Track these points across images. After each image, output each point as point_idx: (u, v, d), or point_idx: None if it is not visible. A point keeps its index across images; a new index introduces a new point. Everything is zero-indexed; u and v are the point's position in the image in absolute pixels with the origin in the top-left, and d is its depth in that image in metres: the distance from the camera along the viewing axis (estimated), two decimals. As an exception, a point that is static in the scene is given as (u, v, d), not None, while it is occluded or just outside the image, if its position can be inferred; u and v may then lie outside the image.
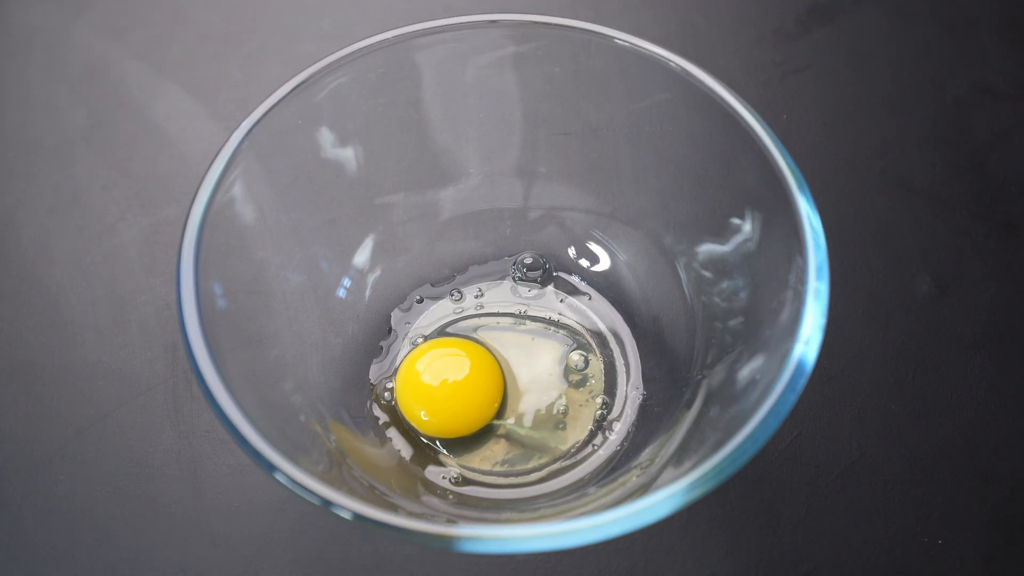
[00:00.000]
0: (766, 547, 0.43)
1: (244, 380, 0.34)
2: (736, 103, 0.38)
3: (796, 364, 0.32)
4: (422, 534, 0.30)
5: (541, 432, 0.45)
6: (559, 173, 0.48)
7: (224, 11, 0.62)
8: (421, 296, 0.49)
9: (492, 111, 0.46)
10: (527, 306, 0.48)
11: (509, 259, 0.49)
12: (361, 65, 0.41)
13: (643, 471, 0.40)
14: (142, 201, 0.54)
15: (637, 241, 0.47)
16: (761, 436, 0.31)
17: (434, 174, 0.48)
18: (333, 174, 0.45)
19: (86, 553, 0.43)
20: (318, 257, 0.45)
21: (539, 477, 0.43)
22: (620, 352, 0.47)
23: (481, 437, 0.44)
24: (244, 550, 0.43)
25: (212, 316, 0.34)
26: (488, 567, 0.42)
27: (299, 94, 0.40)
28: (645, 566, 0.42)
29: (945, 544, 0.42)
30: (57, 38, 0.61)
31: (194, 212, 0.36)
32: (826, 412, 0.46)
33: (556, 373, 0.46)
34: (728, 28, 0.60)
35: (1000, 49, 0.60)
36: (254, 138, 0.38)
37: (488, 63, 0.44)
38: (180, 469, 0.45)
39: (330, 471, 0.37)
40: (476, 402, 0.44)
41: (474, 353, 0.45)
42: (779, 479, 0.44)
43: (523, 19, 0.42)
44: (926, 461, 0.44)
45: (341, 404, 0.44)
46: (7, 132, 0.57)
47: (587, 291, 0.48)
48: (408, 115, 0.45)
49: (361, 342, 0.47)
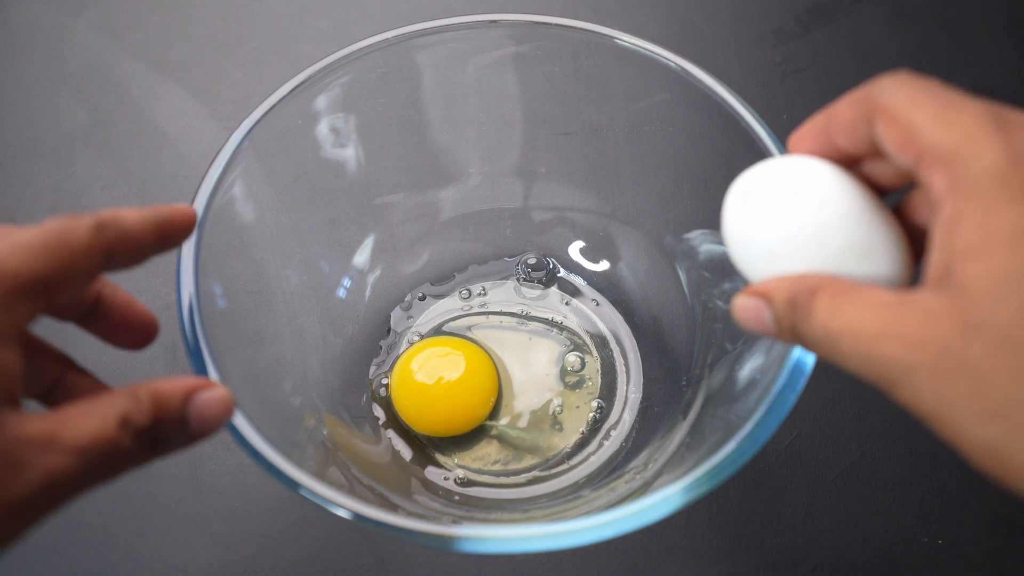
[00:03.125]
0: (766, 547, 0.43)
1: (244, 380, 0.34)
2: (736, 103, 0.38)
3: (796, 364, 0.32)
4: (422, 534, 0.30)
5: (533, 433, 0.45)
6: (559, 173, 0.48)
7: (224, 11, 0.62)
8: (424, 294, 0.49)
9: (492, 111, 0.46)
10: (529, 306, 0.48)
11: (510, 260, 0.49)
12: (361, 65, 0.41)
13: (640, 472, 0.40)
14: (142, 201, 0.54)
15: (637, 241, 0.47)
16: (761, 436, 0.31)
17: (434, 174, 0.48)
18: (333, 174, 0.45)
19: (86, 553, 0.43)
20: (318, 257, 0.45)
21: (531, 478, 0.43)
22: (620, 353, 0.47)
23: (474, 437, 0.45)
24: (244, 550, 0.43)
25: (212, 316, 0.34)
26: (488, 567, 0.42)
27: (299, 94, 0.40)
28: (645, 566, 0.42)
29: (945, 544, 0.42)
30: (57, 38, 0.61)
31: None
32: (826, 412, 0.46)
33: (552, 374, 0.46)
34: (728, 28, 0.60)
35: (1000, 49, 0.60)
36: (254, 138, 0.38)
37: (488, 63, 0.44)
38: (180, 469, 0.45)
39: (327, 469, 0.37)
40: (469, 401, 0.44)
41: (469, 352, 0.45)
42: (779, 479, 0.44)
43: (523, 19, 0.42)
44: (926, 461, 0.44)
45: (341, 403, 0.44)
46: (7, 132, 0.57)
47: (595, 297, 0.48)
48: (408, 115, 0.45)
49: (361, 342, 0.47)
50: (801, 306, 0.25)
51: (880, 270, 0.26)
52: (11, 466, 0.23)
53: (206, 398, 0.27)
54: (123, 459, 0.25)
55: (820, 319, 0.24)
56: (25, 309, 0.24)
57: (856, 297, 0.24)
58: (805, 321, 0.25)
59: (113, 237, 0.26)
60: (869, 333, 0.23)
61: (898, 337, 0.22)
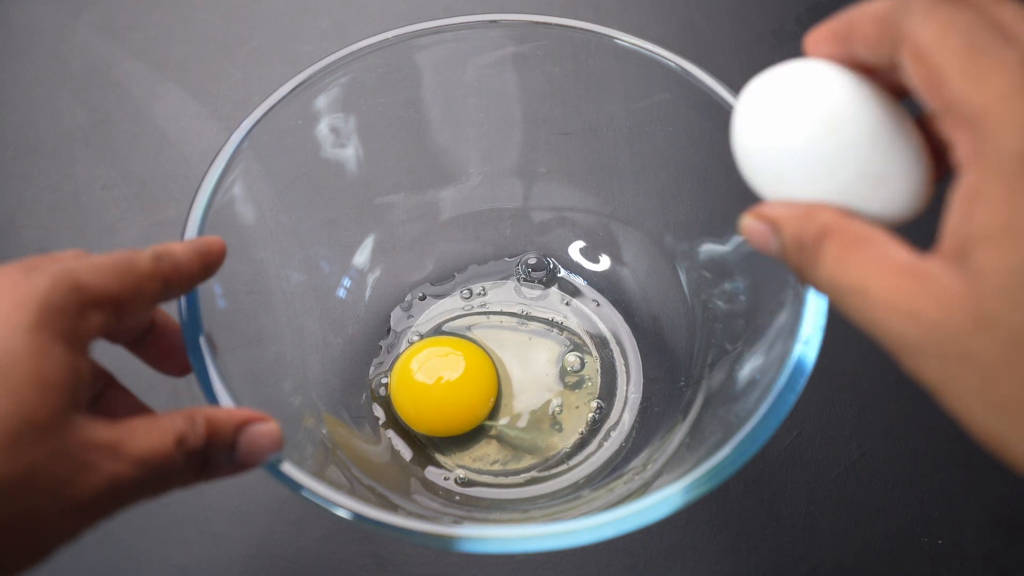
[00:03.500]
0: (766, 547, 0.43)
1: (244, 380, 0.34)
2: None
3: (796, 364, 0.32)
4: (422, 534, 0.30)
5: (532, 433, 0.45)
6: (559, 173, 0.48)
7: (224, 11, 0.62)
8: (424, 294, 0.49)
9: (492, 111, 0.46)
10: (529, 307, 0.48)
11: (510, 260, 0.49)
12: (361, 65, 0.41)
13: (640, 473, 0.40)
14: (142, 201, 0.54)
15: (637, 241, 0.47)
16: (761, 436, 0.31)
17: (434, 174, 0.48)
18: (333, 174, 0.45)
19: (86, 553, 0.43)
20: (318, 257, 0.45)
21: (529, 478, 0.43)
22: (620, 353, 0.47)
23: (473, 437, 0.45)
24: (244, 550, 0.43)
25: (212, 316, 0.34)
26: (488, 567, 0.42)
27: (299, 94, 0.40)
28: (645, 566, 0.42)
29: (945, 544, 0.42)
30: (57, 38, 0.61)
31: (194, 212, 0.36)
32: (826, 412, 0.46)
33: (552, 374, 0.46)
34: (728, 28, 0.60)
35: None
36: (254, 138, 0.38)
37: (488, 63, 0.44)
38: (180, 469, 0.45)
39: (327, 468, 0.37)
40: (468, 401, 0.44)
41: (469, 352, 0.45)
42: (779, 479, 0.44)
43: (523, 19, 0.42)
44: (926, 461, 0.44)
45: (340, 403, 0.44)
46: (7, 132, 0.57)
47: (595, 298, 0.48)
48: (408, 115, 0.45)
49: (361, 342, 0.47)
50: (808, 251, 0.24)
51: (895, 198, 0.24)
52: (83, 466, 0.24)
53: (257, 430, 0.29)
54: (174, 477, 0.27)
55: (827, 270, 0.23)
56: (98, 322, 0.27)
57: (866, 253, 0.23)
58: (811, 268, 0.24)
59: (169, 267, 0.29)
60: (877, 299, 0.22)
61: (908, 313, 0.22)
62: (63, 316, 0.25)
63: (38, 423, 0.24)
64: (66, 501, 0.24)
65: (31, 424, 0.23)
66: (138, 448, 0.26)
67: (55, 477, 0.24)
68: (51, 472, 0.24)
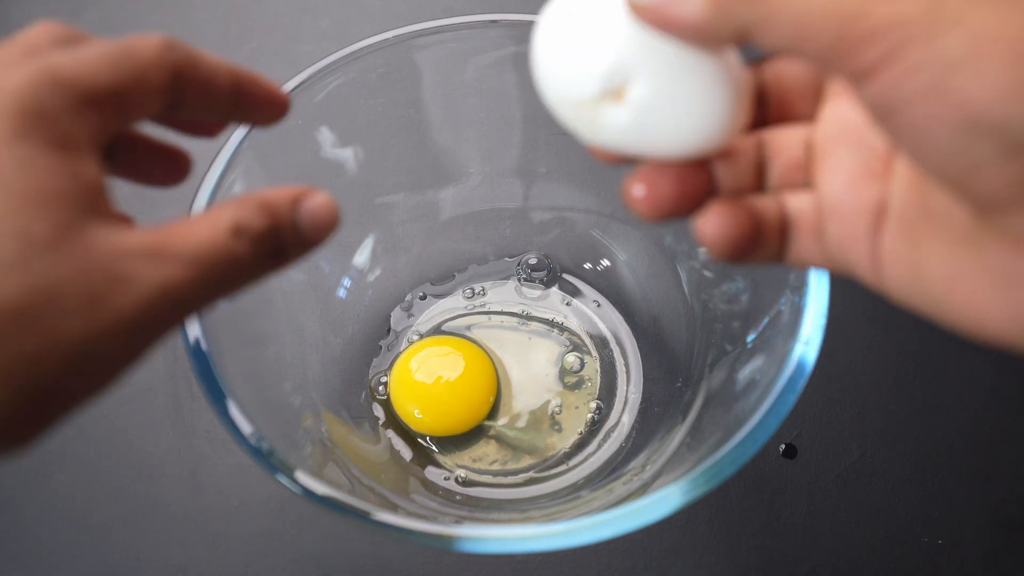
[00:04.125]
0: (766, 547, 0.43)
1: (244, 380, 0.34)
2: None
3: (796, 364, 0.32)
4: (422, 534, 0.30)
5: (531, 434, 0.45)
6: (559, 173, 0.48)
7: (224, 11, 0.62)
8: (424, 294, 0.49)
9: (492, 111, 0.46)
10: (529, 307, 0.48)
11: (510, 260, 0.49)
12: (361, 65, 0.41)
13: (639, 474, 0.40)
14: (142, 201, 0.54)
15: (637, 241, 0.47)
16: (761, 436, 0.31)
17: (434, 174, 0.48)
18: (333, 174, 0.45)
19: (86, 553, 0.43)
20: (318, 257, 0.45)
21: (528, 479, 0.43)
22: (620, 354, 0.47)
23: (472, 437, 0.45)
24: (244, 550, 0.43)
25: (212, 316, 0.34)
26: (488, 567, 0.42)
27: (299, 94, 0.40)
28: (645, 566, 0.42)
29: (945, 544, 0.42)
30: (57, 38, 0.61)
31: (194, 212, 0.36)
32: (826, 412, 0.46)
33: (551, 375, 0.46)
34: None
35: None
36: (254, 138, 0.38)
37: (488, 63, 0.44)
38: (180, 469, 0.45)
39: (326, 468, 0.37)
40: (467, 401, 0.44)
41: (468, 352, 0.45)
42: (779, 479, 0.44)
43: (523, 19, 0.42)
44: (926, 461, 0.44)
45: (340, 403, 0.44)
46: (7, 132, 0.57)
47: (596, 298, 0.48)
48: (408, 115, 0.45)
49: (361, 342, 0.47)
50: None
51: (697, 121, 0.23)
52: (116, 279, 0.21)
53: (315, 203, 0.26)
54: (242, 269, 0.24)
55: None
56: (97, 120, 0.23)
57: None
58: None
59: (182, 57, 0.25)
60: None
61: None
62: (48, 120, 0.22)
63: (40, 241, 0.21)
64: (104, 321, 0.21)
65: (31, 243, 0.20)
66: (187, 244, 0.22)
67: (82, 296, 0.21)
68: (74, 292, 0.21)
